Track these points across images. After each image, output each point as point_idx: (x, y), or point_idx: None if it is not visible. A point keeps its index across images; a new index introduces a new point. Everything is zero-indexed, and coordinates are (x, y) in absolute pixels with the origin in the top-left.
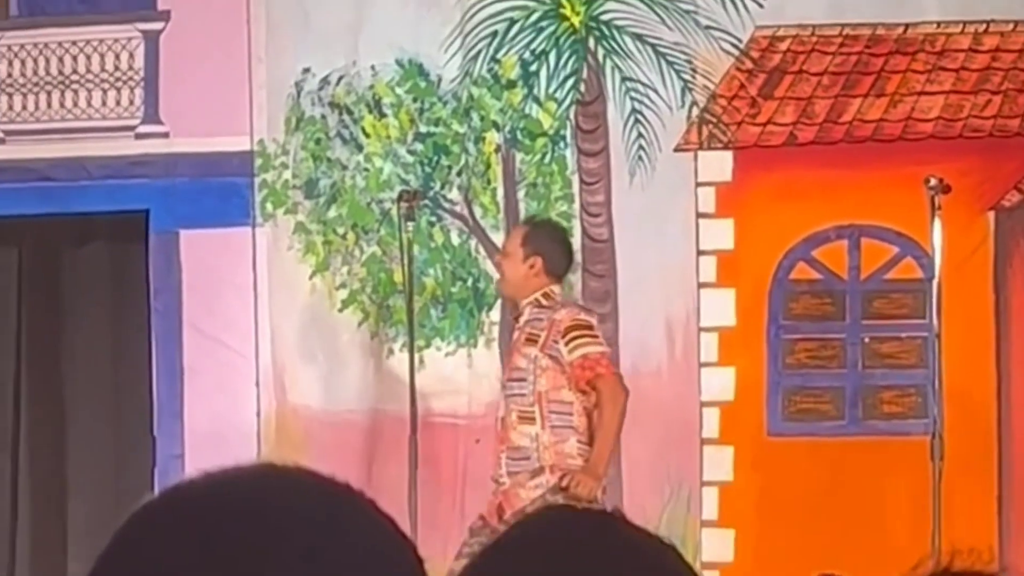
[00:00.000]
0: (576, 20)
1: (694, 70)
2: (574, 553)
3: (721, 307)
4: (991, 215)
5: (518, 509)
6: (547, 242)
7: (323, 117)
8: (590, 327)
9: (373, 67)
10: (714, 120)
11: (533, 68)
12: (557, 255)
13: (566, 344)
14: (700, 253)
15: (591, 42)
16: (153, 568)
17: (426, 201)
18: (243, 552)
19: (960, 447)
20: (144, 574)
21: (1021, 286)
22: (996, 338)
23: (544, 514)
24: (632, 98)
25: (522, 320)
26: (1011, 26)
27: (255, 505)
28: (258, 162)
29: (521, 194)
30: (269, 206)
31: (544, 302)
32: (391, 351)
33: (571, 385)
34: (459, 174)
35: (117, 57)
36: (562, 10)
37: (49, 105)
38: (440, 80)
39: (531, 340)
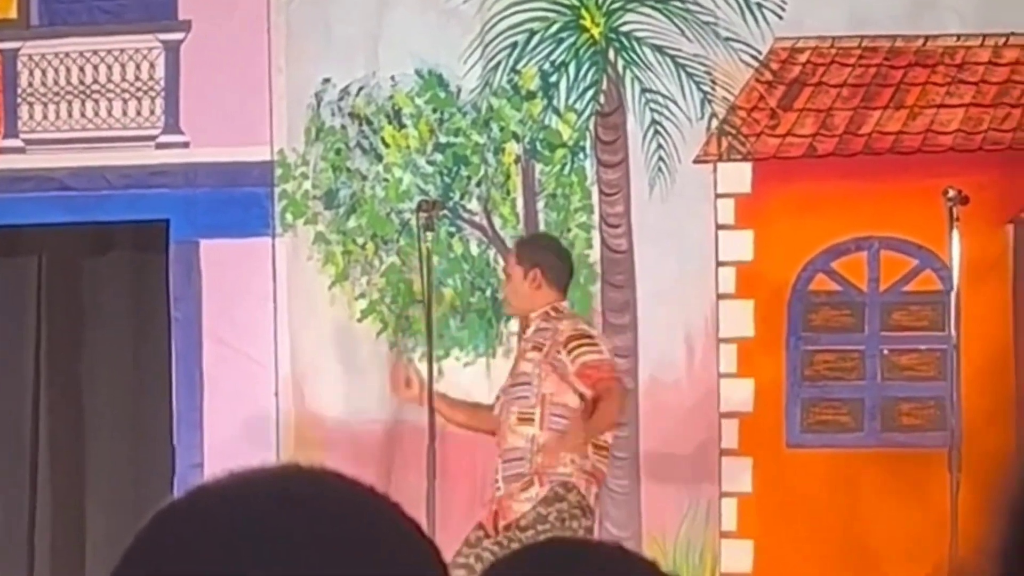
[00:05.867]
0: (596, 31)
1: (713, 82)
2: None
3: (740, 318)
4: (1010, 228)
5: (511, 521)
6: (541, 252)
7: (343, 127)
8: (591, 336)
9: (393, 78)
10: (733, 132)
11: (553, 79)
12: (554, 263)
13: (568, 353)
14: (719, 264)
15: (611, 53)
16: (177, 565)
17: (445, 211)
18: (268, 549)
19: (978, 459)
20: (168, 571)
21: None
22: (1015, 350)
23: (544, 546)
24: (652, 109)
25: (529, 331)
26: None
27: (280, 503)
28: (278, 172)
29: (540, 205)
30: (289, 216)
31: (552, 314)
32: (410, 361)
33: (574, 391)
34: (478, 185)
35: (138, 67)
36: (582, 21)
37: (70, 115)
38: (460, 91)
39: (536, 348)
